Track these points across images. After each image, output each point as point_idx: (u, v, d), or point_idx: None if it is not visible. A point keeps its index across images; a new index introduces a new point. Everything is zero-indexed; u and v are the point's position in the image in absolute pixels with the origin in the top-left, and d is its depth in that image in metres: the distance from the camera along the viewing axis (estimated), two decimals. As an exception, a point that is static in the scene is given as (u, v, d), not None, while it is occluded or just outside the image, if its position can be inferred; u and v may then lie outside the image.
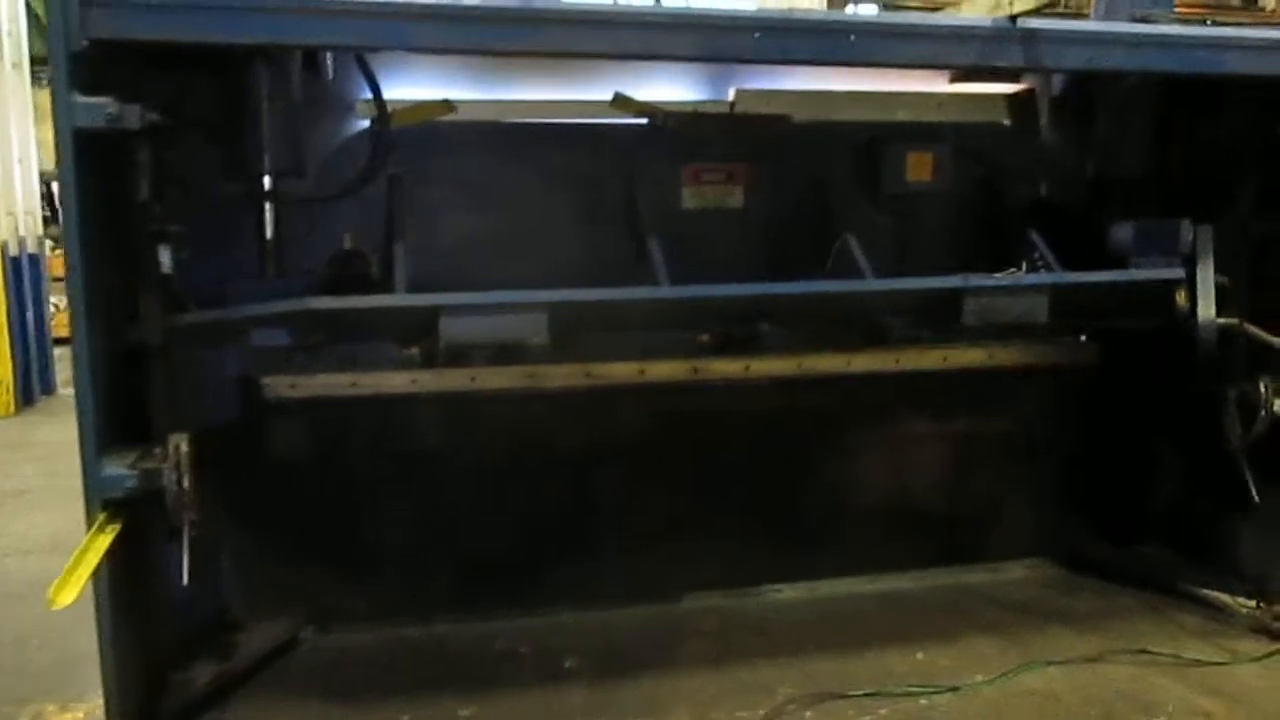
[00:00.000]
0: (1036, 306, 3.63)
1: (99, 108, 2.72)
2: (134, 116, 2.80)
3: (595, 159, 3.86)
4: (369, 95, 3.53)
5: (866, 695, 3.53)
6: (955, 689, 3.57)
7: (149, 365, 3.10)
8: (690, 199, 3.95)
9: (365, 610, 3.98)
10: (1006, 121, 4.24)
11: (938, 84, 4.09)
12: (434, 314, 3.16)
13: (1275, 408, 3.83)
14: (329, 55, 3.52)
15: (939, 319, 3.66)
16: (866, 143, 4.00)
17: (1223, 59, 3.53)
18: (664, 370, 4.00)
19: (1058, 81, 4.21)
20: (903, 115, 4.06)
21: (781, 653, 3.86)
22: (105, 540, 2.81)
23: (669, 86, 3.93)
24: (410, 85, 3.69)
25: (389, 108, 3.55)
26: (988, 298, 3.56)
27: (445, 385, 3.81)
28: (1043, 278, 3.70)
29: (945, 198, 4.04)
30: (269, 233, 3.52)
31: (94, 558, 2.73)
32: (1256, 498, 3.88)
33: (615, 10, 3.09)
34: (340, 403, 3.76)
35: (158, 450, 2.98)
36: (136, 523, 2.99)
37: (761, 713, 3.41)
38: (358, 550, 3.99)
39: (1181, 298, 3.77)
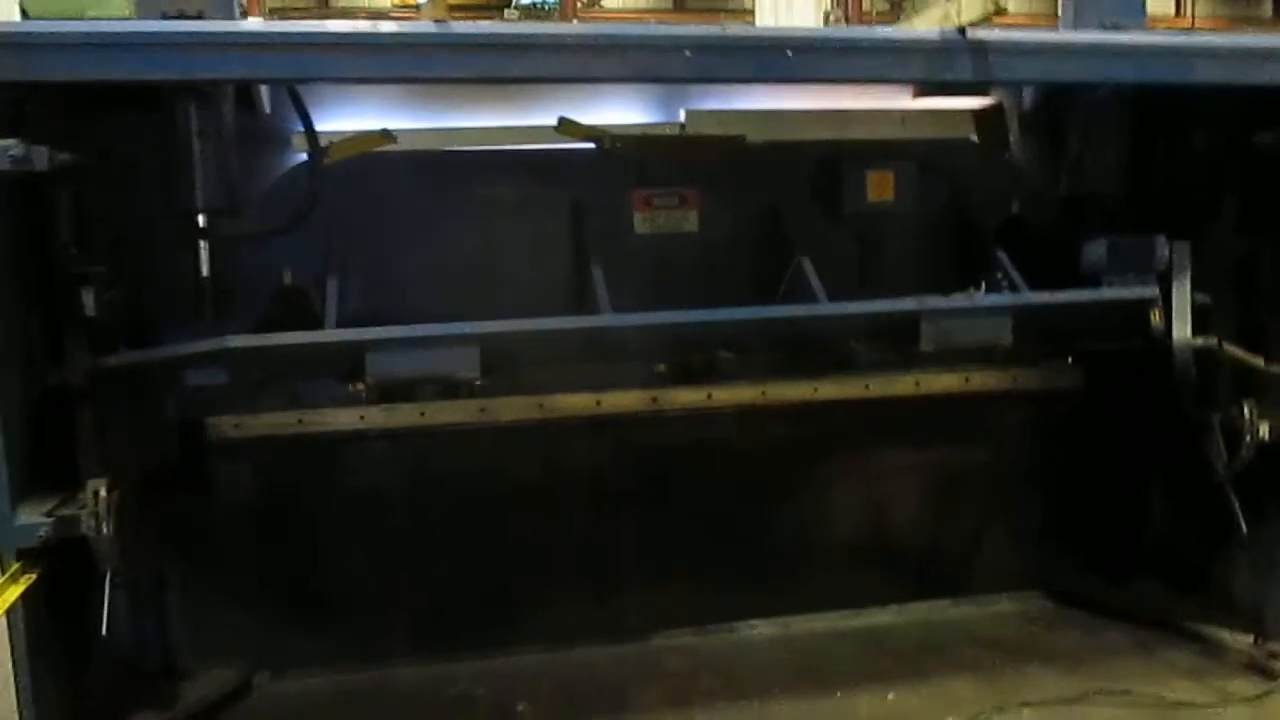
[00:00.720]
0: (999, 329, 3.48)
1: (3, 150, 2.67)
2: (42, 158, 2.75)
3: (541, 186, 3.77)
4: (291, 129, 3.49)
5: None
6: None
7: (74, 408, 3.05)
8: (642, 224, 3.85)
9: (319, 655, 3.88)
10: (974, 137, 4.08)
11: (901, 100, 3.96)
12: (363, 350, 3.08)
13: (1261, 433, 3.63)
14: (263, 90, 3.45)
15: (900, 344, 3.51)
16: (824, 162, 3.87)
17: (1190, 67, 3.36)
18: (622, 401, 3.88)
19: (1028, 95, 4.05)
20: (862, 133, 3.92)
21: (746, 695, 3.71)
22: (15, 590, 2.73)
23: (620, 110, 3.82)
24: (353, 116, 3.63)
25: (326, 140, 3.49)
26: (946, 321, 3.42)
27: (394, 422, 3.72)
28: (1003, 298, 3.55)
29: (909, 217, 3.90)
30: (205, 270, 3.45)
31: (-2, 608, 2.65)
32: (1244, 529, 3.68)
33: (540, 34, 3.00)
34: (287, 442, 3.68)
35: (79, 496, 2.91)
36: (65, 570, 2.92)
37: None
38: (311, 593, 3.89)
39: (1156, 318, 3.60)
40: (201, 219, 3.40)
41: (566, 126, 3.64)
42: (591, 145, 3.69)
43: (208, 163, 3.31)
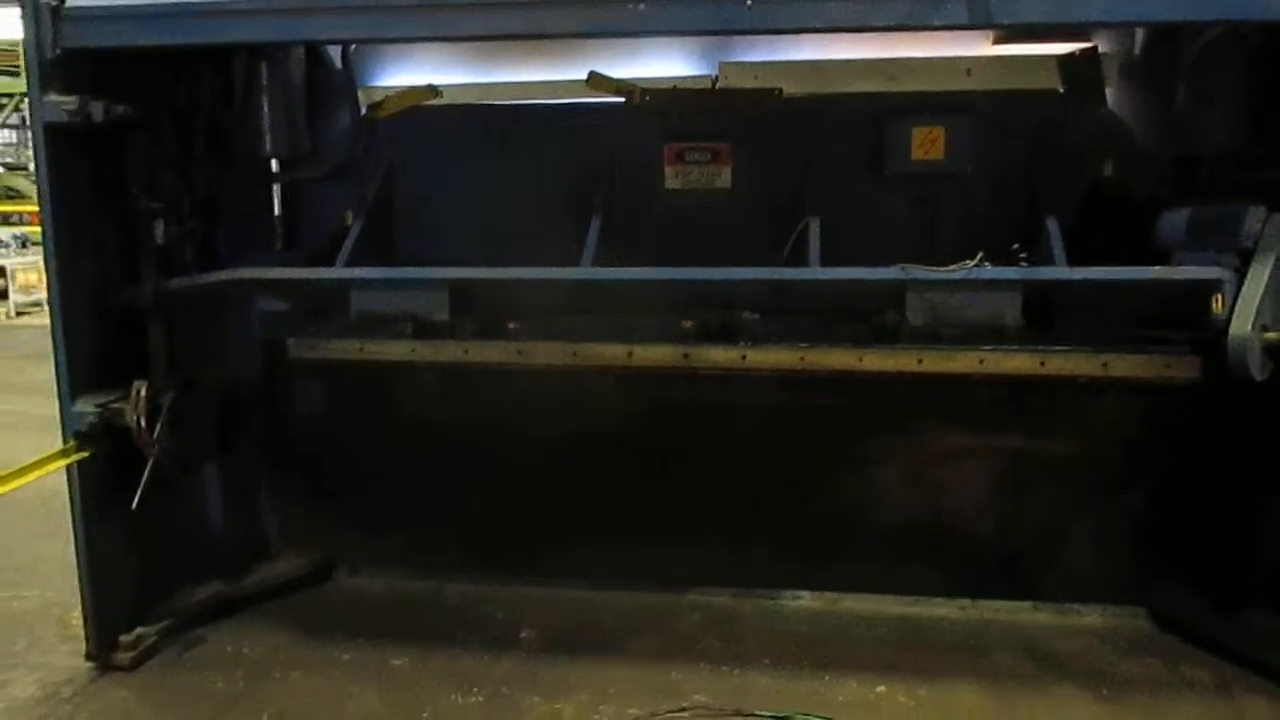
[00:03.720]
0: (1004, 306, 3.10)
1: (59, 105, 3.24)
2: (98, 111, 3.31)
3: (573, 140, 3.84)
4: (371, 84, 3.84)
5: (775, 716, 3.27)
6: (875, 729, 3.21)
7: (147, 322, 3.66)
8: (673, 179, 3.80)
9: (384, 559, 4.32)
10: (1060, 89, 3.57)
11: (977, 47, 3.58)
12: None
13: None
14: (332, 48, 3.84)
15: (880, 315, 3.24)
16: (868, 117, 3.59)
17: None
18: (653, 355, 3.90)
19: (1136, 37, 3.49)
20: (918, 84, 3.58)
21: (731, 660, 3.67)
22: (61, 462, 3.39)
23: (663, 63, 3.80)
24: (412, 72, 3.93)
25: (383, 95, 3.83)
26: (936, 293, 3.10)
27: (440, 356, 4.02)
28: (1007, 272, 3.13)
29: (965, 178, 3.53)
30: (277, 210, 3.95)
31: (36, 471, 3.30)
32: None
33: None
34: (353, 366, 4.11)
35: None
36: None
37: (637, 712, 3.29)
38: (379, 504, 4.33)
39: (1218, 304, 3.01)
40: (274, 165, 3.90)
41: (596, 81, 3.69)
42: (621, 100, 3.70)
43: (276, 114, 3.79)
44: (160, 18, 3.25)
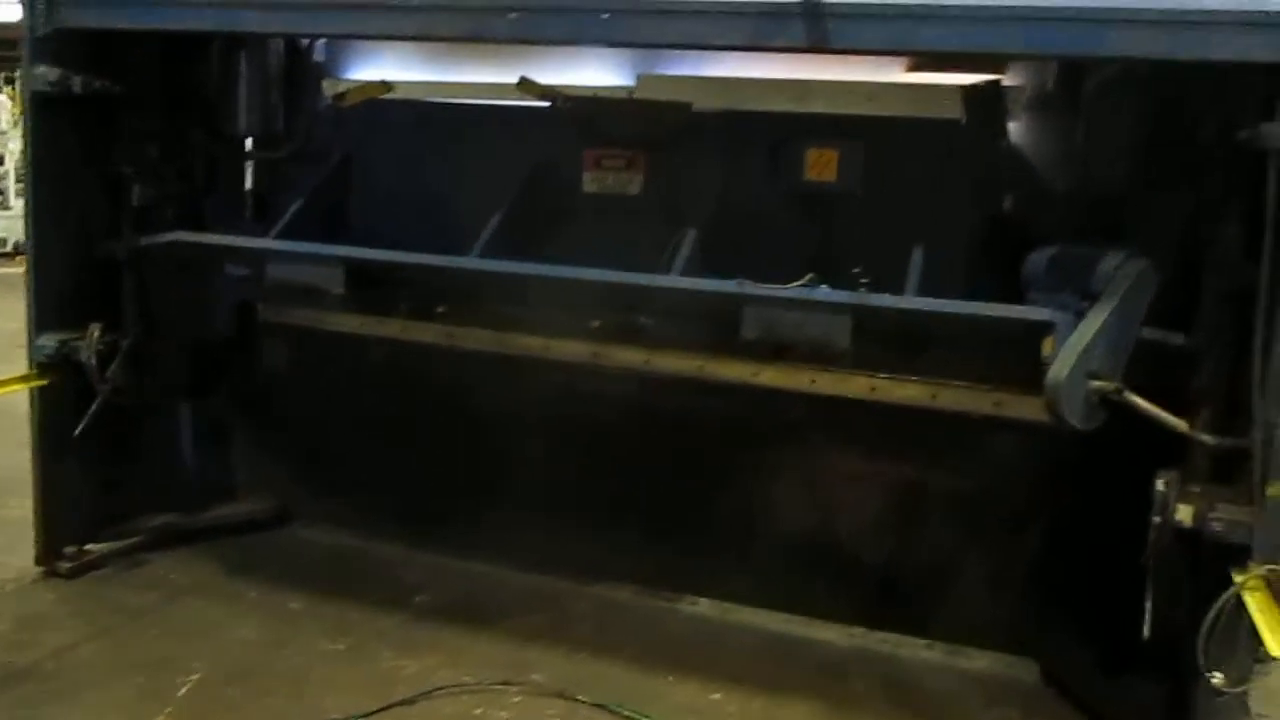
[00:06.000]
0: (835, 328, 3.11)
1: (43, 77, 3.73)
2: (78, 84, 3.78)
3: (506, 138, 4.05)
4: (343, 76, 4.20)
5: (593, 704, 3.40)
6: (677, 729, 3.29)
7: (121, 274, 4.13)
8: (591, 183, 3.96)
9: (323, 511, 4.68)
10: (961, 118, 3.51)
11: (888, 73, 3.58)
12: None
13: (1177, 516, 2.81)
14: (308, 40, 4.22)
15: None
16: (768, 135, 3.65)
17: (1105, 38, 2.69)
18: (567, 350, 4.07)
19: (1045, 70, 3.40)
20: (822, 106, 3.60)
21: (592, 648, 3.79)
22: (21, 385, 3.89)
23: (596, 71, 3.97)
24: (383, 67, 4.27)
25: (345, 86, 4.18)
26: (773, 310, 3.15)
27: (380, 331, 4.32)
28: (842, 295, 3.11)
29: (854, 200, 3.54)
30: (249, 184, 4.35)
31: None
32: (1147, 632, 2.89)
33: None
34: (311, 333, 4.47)
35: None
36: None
37: (470, 679, 3.48)
38: (329, 458, 4.69)
39: (1049, 347, 2.92)
40: (248, 143, 4.31)
41: (526, 85, 3.90)
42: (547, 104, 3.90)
43: (250, 96, 4.18)
44: (139, 4, 3.69)
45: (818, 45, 2.89)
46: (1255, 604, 2.54)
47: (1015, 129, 3.47)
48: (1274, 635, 2.42)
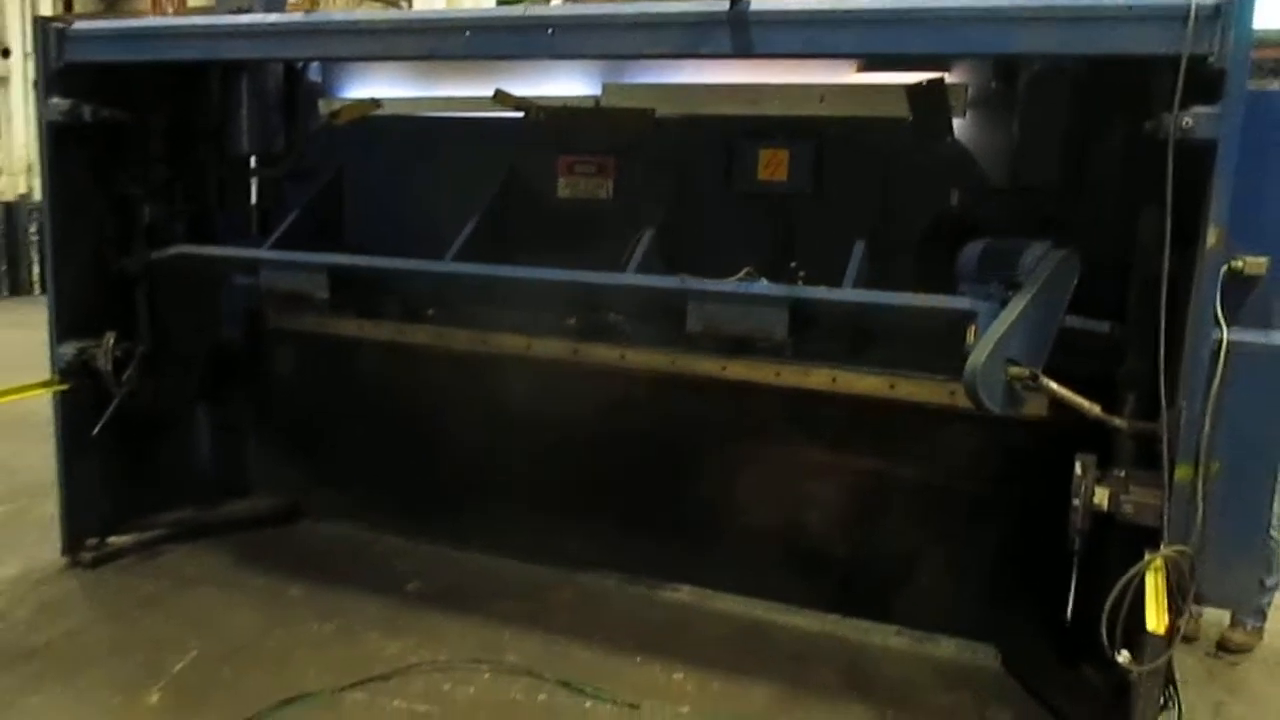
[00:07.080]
0: (774, 321, 3.24)
1: (56, 108, 4.05)
2: (88, 113, 4.10)
3: (487, 147, 4.25)
4: (333, 95, 4.47)
5: (559, 682, 3.59)
6: (635, 706, 3.44)
7: (134, 288, 4.44)
8: (564, 189, 4.15)
9: (333, 507, 4.94)
10: (908, 117, 3.61)
11: (839, 75, 3.71)
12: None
13: (1095, 499, 2.89)
14: (305, 63, 4.49)
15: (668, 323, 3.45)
16: (724, 138, 3.80)
17: (1011, 37, 2.79)
18: (548, 348, 4.27)
19: (989, 69, 3.50)
20: (775, 109, 3.73)
21: (568, 632, 3.97)
22: (43, 390, 4.21)
23: (568, 82, 4.16)
24: (379, 86, 4.52)
25: (339, 104, 4.44)
26: (714, 304, 3.30)
27: (377, 335, 4.57)
28: (779, 289, 3.24)
29: (806, 199, 3.67)
30: (254, 200, 4.64)
31: (19, 393, 4.13)
32: (1069, 617, 2.97)
33: (333, 21, 3.57)
34: (317, 338, 4.73)
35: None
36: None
37: (447, 658, 3.69)
38: (339, 457, 4.95)
39: (971, 335, 3.02)
40: (253, 161, 4.59)
41: (501, 97, 4.11)
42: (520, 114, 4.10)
43: (251, 118, 4.47)
44: (136, 39, 4.00)
45: (741, 51, 3.04)
46: (1151, 583, 2.61)
47: (960, 126, 3.57)
48: (1159, 613, 2.49)
